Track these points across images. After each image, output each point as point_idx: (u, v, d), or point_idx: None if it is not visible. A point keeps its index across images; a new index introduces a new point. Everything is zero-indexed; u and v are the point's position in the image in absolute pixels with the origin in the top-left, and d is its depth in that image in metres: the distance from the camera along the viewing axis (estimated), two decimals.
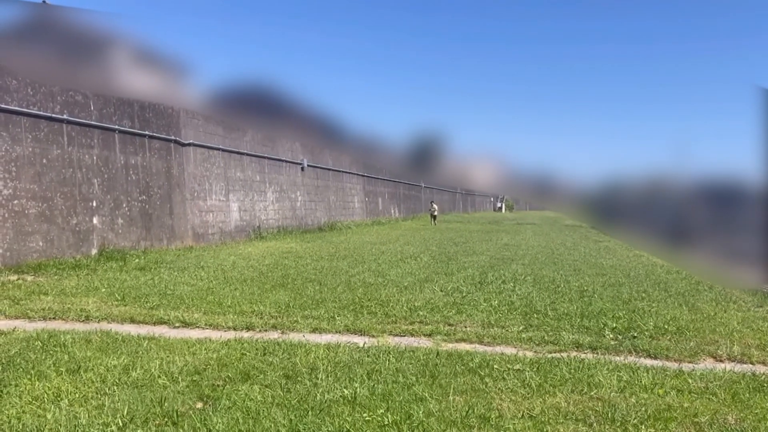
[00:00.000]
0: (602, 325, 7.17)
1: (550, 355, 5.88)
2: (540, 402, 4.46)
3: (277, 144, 24.98)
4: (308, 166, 28.08)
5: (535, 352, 6.12)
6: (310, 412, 4.25)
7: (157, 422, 4.09)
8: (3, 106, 11.99)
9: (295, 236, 23.89)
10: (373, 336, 6.86)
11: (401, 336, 6.90)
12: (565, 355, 5.89)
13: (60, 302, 8.80)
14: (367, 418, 4.11)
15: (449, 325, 7.36)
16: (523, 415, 4.20)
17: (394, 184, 44.56)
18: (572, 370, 5.24)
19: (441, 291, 9.92)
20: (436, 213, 40.92)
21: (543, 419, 4.11)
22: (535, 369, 5.29)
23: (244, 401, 4.48)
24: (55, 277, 11.35)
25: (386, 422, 4.05)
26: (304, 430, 3.93)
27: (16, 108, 12.33)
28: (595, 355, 5.90)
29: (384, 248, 18.95)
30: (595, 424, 4.03)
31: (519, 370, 5.28)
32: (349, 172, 34.48)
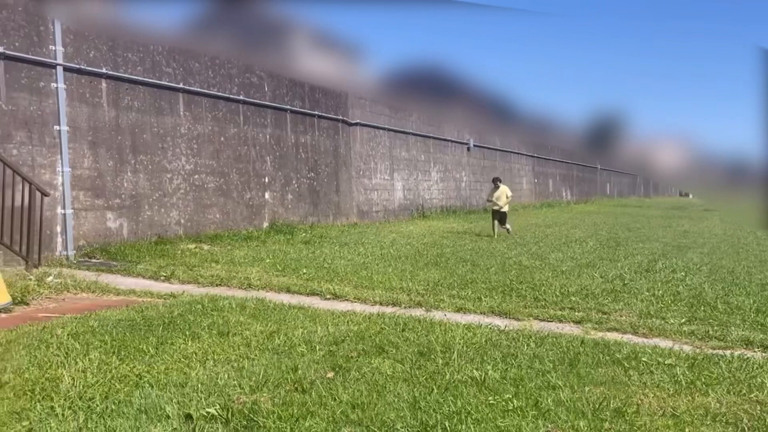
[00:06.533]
0: None
1: (710, 351, 5.32)
2: (687, 400, 4.03)
3: (442, 124, 24.98)
4: (474, 146, 27.83)
5: (694, 346, 5.57)
6: (435, 390, 4.17)
7: (287, 388, 4.22)
8: (187, 87, 13.05)
9: (458, 216, 23.83)
10: (518, 319, 6.63)
11: (548, 321, 6.60)
12: (728, 352, 5.29)
13: (227, 270, 9.46)
14: (491, 401, 3.96)
15: (603, 313, 6.92)
16: (664, 412, 3.82)
17: (567, 165, 42.95)
18: (732, 369, 4.69)
19: (601, 277, 9.38)
20: (502, 208, 16.15)
21: (686, 419, 3.70)
22: (689, 365, 4.80)
23: (373, 374, 4.51)
24: (228, 247, 12.23)
25: (510, 407, 3.87)
26: (426, 406, 3.87)
27: (198, 89, 13.36)
28: (765, 355, 5.25)
29: (548, 231, 18.34)
30: (747, 429, 3.57)
31: (671, 364, 4.82)
32: (518, 153, 33.72)
